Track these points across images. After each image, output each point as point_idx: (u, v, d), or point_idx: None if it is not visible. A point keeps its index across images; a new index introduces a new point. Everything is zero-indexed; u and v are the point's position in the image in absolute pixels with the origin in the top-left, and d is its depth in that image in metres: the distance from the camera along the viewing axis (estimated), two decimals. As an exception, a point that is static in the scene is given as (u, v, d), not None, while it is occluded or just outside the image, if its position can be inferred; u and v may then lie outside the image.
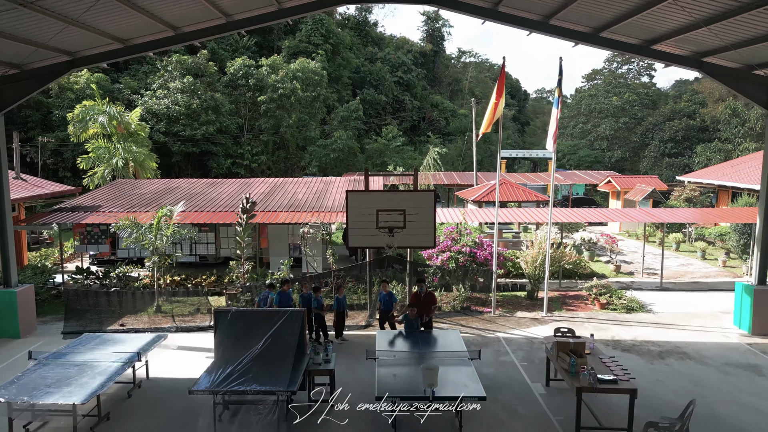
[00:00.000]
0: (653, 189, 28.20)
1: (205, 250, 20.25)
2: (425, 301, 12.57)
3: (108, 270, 18.88)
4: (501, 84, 14.59)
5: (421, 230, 12.61)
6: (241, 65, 42.11)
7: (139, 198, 22.48)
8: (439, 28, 73.68)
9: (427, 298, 12.63)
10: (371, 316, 15.25)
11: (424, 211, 12.55)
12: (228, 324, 10.51)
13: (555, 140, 15.01)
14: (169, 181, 25.98)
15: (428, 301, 12.58)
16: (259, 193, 23.00)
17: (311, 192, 23.32)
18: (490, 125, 14.77)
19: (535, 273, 17.33)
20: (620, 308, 16.28)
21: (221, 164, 40.72)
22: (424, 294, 12.70)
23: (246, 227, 16.73)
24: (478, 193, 25.44)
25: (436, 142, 53.37)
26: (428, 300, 12.59)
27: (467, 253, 16.50)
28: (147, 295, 16.73)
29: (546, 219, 19.50)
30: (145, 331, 14.49)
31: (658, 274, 21.35)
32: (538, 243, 17.40)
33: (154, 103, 37.91)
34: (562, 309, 16.55)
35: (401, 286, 16.62)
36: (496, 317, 15.69)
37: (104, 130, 28.98)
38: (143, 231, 16.37)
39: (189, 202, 21.49)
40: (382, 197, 12.78)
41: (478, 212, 20.26)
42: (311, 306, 13.31)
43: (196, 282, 18.58)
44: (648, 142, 61.51)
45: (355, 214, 12.62)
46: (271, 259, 20.26)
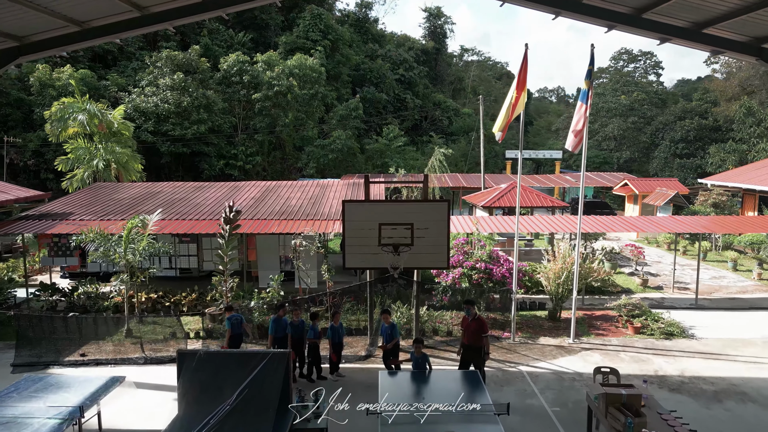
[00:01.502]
0: (676, 193, 26.12)
1: (187, 263, 18.17)
2: (474, 329, 10.58)
3: (75, 286, 16.80)
4: (523, 75, 12.53)
5: (432, 248, 10.53)
6: (234, 61, 40.01)
7: (117, 204, 20.42)
8: (441, 25, 71.58)
9: (476, 325, 10.64)
10: (372, 345, 13.17)
11: (435, 225, 10.48)
12: (194, 369, 8.45)
13: (581, 139, 12.90)
14: (152, 185, 23.90)
15: (477, 329, 10.58)
16: (249, 198, 20.94)
17: (306, 197, 21.25)
18: (508, 124, 12.69)
19: (558, 291, 15.25)
20: (657, 333, 14.20)
21: (213, 165, 38.62)
22: (472, 319, 10.69)
23: (230, 239, 14.66)
24: (488, 198, 23.36)
25: (439, 142, 51.23)
26: (477, 328, 10.60)
27: (482, 270, 14.42)
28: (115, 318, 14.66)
29: (572, 227, 17.44)
30: (107, 363, 12.44)
31: (689, 289, 19.30)
32: (561, 256, 15.31)
33: (142, 101, 35.80)
34: (590, 333, 14.46)
35: (406, 307, 14.53)
36: (517, 345, 13.60)
37: (85, 130, 26.90)
38: (111, 244, 14.30)
39: (170, 208, 19.43)
40: (385, 208, 10.69)
41: (492, 220, 18.16)
42: (304, 336, 11.26)
43: (175, 300, 16.51)
44: (658, 143, 59.42)
45: (353, 228, 10.54)
46: (260, 274, 18.18)
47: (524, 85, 12.54)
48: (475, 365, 10.80)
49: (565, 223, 17.90)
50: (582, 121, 12.62)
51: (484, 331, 10.65)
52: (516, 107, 12.51)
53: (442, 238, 10.56)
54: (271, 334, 11.02)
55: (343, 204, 10.51)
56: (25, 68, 35.77)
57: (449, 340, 13.72)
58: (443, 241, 10.59)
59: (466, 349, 10.99)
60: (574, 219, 18.31)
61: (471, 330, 10.78)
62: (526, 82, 12.65)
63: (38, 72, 34.33)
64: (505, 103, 12.89)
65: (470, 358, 10.95)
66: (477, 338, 10.68)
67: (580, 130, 12.63)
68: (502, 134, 12.75)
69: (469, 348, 10.91)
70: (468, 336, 10.89)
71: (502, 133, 12.72)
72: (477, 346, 10.69)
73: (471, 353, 10.90)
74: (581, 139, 12.76)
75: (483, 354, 10.64)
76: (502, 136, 12.79)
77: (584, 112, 12.67)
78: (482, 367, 10.69)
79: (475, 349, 10.76)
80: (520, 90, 12.41)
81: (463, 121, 60.14)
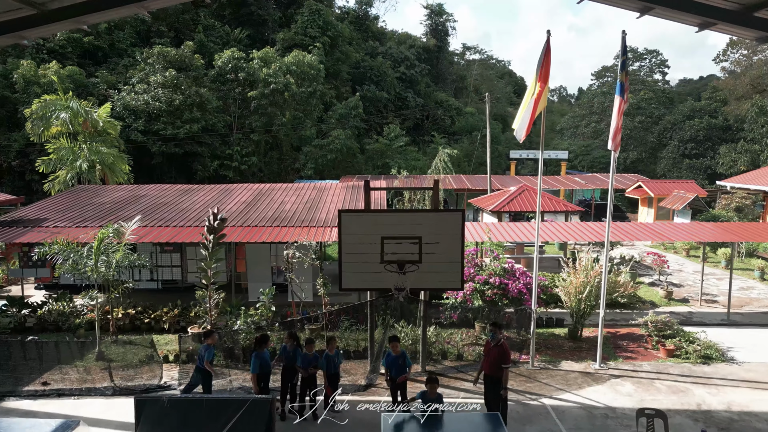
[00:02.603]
0: (696, 196, 24.57)
1: (169, 275, 16.61)
2: (495, 357, 9.15)
3: (46, 300, 15.27)
4: (546, 66, 10.99)
5: (444, 266, 9.01)
6: (229, 58, 38.41)
7: (97, 209, 18.88)
8: (443, 23, 70.00)
9: (498, 353, 9.15)
10: (374, 371, 11.62)
11: (447, 239, 8.95)
12: (156, 421, 6.90)
13: (618, 137, 11.37)
14: (137, 188, 22.37)
15: (498, 357, 9.11)
16: (240, 203, 19.41)
17: (302, 201, 19.71)
18: (533, 121, 11.14)
19: (579, 307, 13.71)
20: (694, 357, 12.65)
21: (207, 166, 37.02)
22: (495, 345, 9.22)
23: (214, 251, 13.11)
24: (496, 202, 21.80)
25: (442, 142, 49.67)
26: (498, 356, 9.12)
27: (496, 285, 12.86)
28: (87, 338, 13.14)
29: (596, 235, 15.87)
30: (70, 395, 10.89)
31: (718, 302, 17.78)
32: (583, 269, 13.76)
33: (132, 99, 34.21)
34: (618, 357, 12.91)
35: (411, 327, 12.99)
36: (537, 371, 12.05)
37: (68, 129, 25.36)
38: (81, 256, 12.75)
39: (153, 214, 17.91)
40: (388, 219, 9.16)
41: (506, 228, 16.58)
42: (296, 365, 9.70)
43: (156, 316, 14.96)
44: (666, 143, 57.89)
45: (351, 242, 9.01)
46: (250, 286, 16.63)
47: (548, 77, 11.01)
48: (490, 400, 9.30)
49: (589, 230, 16.32)
50: (620, 116, 11.09)
51: (505, 361, 9.13)
52: (539, 102, 10.97)
53: (455, 254, 9.04)
54: (253, 372, 9.45)
55: (339, 214, 8.97)
56: (9, 65, 34.23)
57: (460, 365, 12.18)
58: (456, 257, 9.07)
59: (485, 379, 9.51)
60: (598, 226, 16.74)
61: (492, 357, 9.29)
62: (549, 74, 11.12)
63: (23, 68, 32.78)
64: (526, 98, 11.35)
65: (487, 390, 9.47)
66: (496, 368, 9.18)
67: (618, 127, 11.09)
68: (525, 132, 11.19)
69: (488, 379, 9.42)
70: (488, 364, 9.43)
71: (525, 131, 11.17)
72: (496, 377, 9.20)
73: (488, 384, 9.42)
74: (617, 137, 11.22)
75: (501, 388, 9.14)
76: (525, 135, 11.23)
77: (621, 108, 11.14)
78: (500, 403, 9.18)
79: (493, 380, 9.27)
80: (543, 82, 10.87)
81: (465, 121, 58.60)
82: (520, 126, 11.23)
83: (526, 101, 11.31)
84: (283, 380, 10.00)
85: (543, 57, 11.03)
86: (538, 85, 10.92)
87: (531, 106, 11.02)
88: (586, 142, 62.46)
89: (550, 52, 11.21)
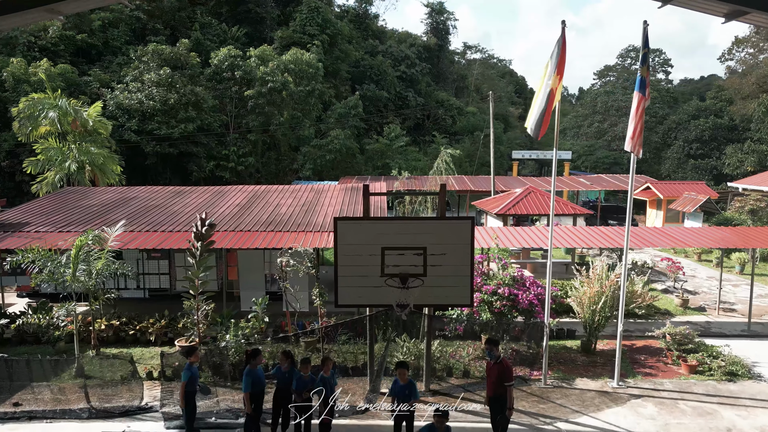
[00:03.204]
0: (708, 198, 23.66)
1: (157, 283, 15.70)
2: (496, 375, 8.33)
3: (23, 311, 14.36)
4: (563, 58, 10.10)
5: (451, 279, 8.11)
6: (226, 56, 37.47)
7: (83, 212, 18.01)
8: (444, 21, 69.10)
9: (499, 371, 8.32)
10: (374, 391, 10.71)
11: (455, 250, 8.05)
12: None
13: (638, 138, 10.48)
14: (127, 190, 21.47)
15: (500, 375, 8.29)
16: (233, 206, 18.52)
17: (298, 204, 18.83)
18: (549, 117, 10.24)
19: (593, 319, 12.80)
20: (718, 373, 11.75)
21: (203, 167, 36.08)
22: (495, 363, 8.41)
23: (202, 259, 12.21)
24: (501, 204, 20.88)
25: (443, 142, 48.75)
26: (500, 374, 8.29)
27: (505, 296, 11.95)
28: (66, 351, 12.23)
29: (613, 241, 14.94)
30: (42, 417, 9.99)
31: (736, 310, 16.90)
32: (597, 278, 12.85)
33: (126, 98, 33.28)
34: (636, 373, 12.01)
35: (414, 342, 12.07)
36: (549, 390, 11.14)
37: (56, 128, 24.47)
38: (59, 265, 11.85)
39: (142, 218, 17.02)
40: (389, 228, 8.25)
41: (515, 234, 15.65)
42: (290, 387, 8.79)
43: (141, 327, 14.05)
44: (670, 143, 56.96)
45: (348, 254, 8.11)
46: (242, 295, 15.72)
47: (563, 69, 10.12)
48: (496, 424, 8.42)
49: (607, 236, 15.38)
50: (640, 116, 10.19)
51: (508, 379, 8.29)
52: (555, 97, 10.08)
53: (464, 267, 8.14)
54: (245, 391, 8.54)
55: (334, 222, 8.07)
56: (-1, 62, 33.35)
57: (466, 384, 11.27)
58: (465, 270, 8.16)
59: (490, 401, 8.65)
60: (614, 232, 15.80)
61: (493, 377, 8.46)
62: (564, 68, 10.23)
63: (12, 66, 31.88)
64: (539, 93, 10.44)
65: (493, 411, 8.61)
66: (499, 387, 8.34)
67: (639, 127, 10.20)
68: (542, 130, 10.29)
69: (492, 400, 8.56)
70: (489, 384, 8.60)
71: (541, 129, 10.27)
72: (501, 397, 8.35)
73: (493, 405, 8.56)
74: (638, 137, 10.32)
75: (505, 408, 8.30)
76: (542, 133, 10.33)
77: (641, 106, 10.24)
78: (506, 427, 8.34)
79: (498, 400, 8.41)
80: (560, 75, 9.98)
81: (467, 121, 57.68)
82: (535, 123, 10.32)
83: (538, 96, 10.42)
84: (275, 404, 9.09)
85: (559, 49, 10.14)
86: (554, 78, 10.03)
87: (545, 101, 10.12)
88: (589, 142, 61.57)
89: (565, 43, 10.32)
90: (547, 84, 10.19)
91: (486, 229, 16.41)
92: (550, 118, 11.23)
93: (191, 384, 8.90)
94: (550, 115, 10.33)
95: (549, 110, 10.18)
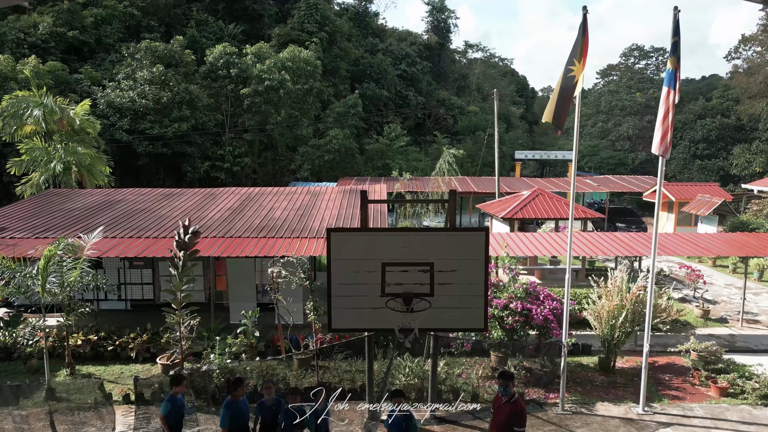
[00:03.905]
0: (723, 201, 22.59)
1: (140, 293, 14.61)
2: (506, 416, 6.94)
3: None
4: (586, 42, 9.05)
5: (463, 300, 7.03)
6: (221, 53, 36.37)
7: (65, 216, 16.94)
8: (445, 19, 68.06)
9: (510, 411, 6.94)
10: (373, 419, 9.63)
11: (467, 266, 6.98)
12: None
13: (667, 139, 9.42)
14: (114, 192, 20.41)
15: (511, 418, 6.90)
16: (224, 209, 17.45)
17: (293, 208, 17.75)
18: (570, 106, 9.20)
19: (613, 335, 11.72)
20: (752, 396, 10.67)
21: (197, 167, 34.96)
22: (507, 401, 7.02)
23: (185, 270, 11.12)
24: (508, 208, 19.80)
25: (444, 142, 47.68)
26: (511, 416, 6.91)
27: (518, 311, 10.87)
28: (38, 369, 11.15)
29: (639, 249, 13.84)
30: (1, 452, 8.89)
31: (760, 321, 15.85)
32: (617, 290, 11.77)
33: (117, 96, 32.17)
34: (662, 396, 10.93)
35: (417, 362, 10.98)
36: (568, 417, 10.06)
37: (41, 128, 23.37)
38: (28, 276, 10.78)
39: (126, 222, 15.96)
40: (391, 240, 7.16)
41: (525, 240, 14.54)
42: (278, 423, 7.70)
43: (122, 342, 12.97)
44: (676, 143, 55.86)
45: (344, 270, 7.03)
46: (231, 306, 14.64)
47: (586, 55, 9.07)
48: None
49: (629, 244, 14.27)
50: (670, 113, 9.13)
51: (520, 423, 6.83)
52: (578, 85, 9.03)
53: (477, 285, 7.05)
54: (222, 426, 7.47)
55: (327, 234, 6.99)
56: (-14, 59, 32.22)
57: (476, 411, 10.17)
58: (479, 289, 7.08)
59: None
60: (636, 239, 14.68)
61: (502, 417, 7.02)
62: (587, 54, 9.16)
63: (-1, 63, 30.81)
64: (560, 81, 9.38)
65: None
66: (508, 431, 7.02)
67: (667, 126, 9.13)
68: (562, 119, 9.26)
69: None
70: (496, 424, 7.15)
71: (561, 119, 9.23)
72: None
73: None
74: (670, 137, 9.26)
75: None
76: (562, 122, 9.31)
77: (671, 101, 9.17)
78: None
79: None
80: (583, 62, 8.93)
81: (469, 120, 56.61)
82: (556, 113, 9.25)
83: (559, 84, 9.37)
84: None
85: (582, 36, 9.07)
86: (577, 65, 8.97)
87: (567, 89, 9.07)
88: (594, 142, 60.47)
89: (587, 30, 9.25)
90: (568, 70, 9.13)
91: (494, 235, 15.30)
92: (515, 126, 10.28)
93: (173, 416, 7.81)
94: (570, 104, 9.27)
95: (570, 98, 9.14)
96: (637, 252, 13.50)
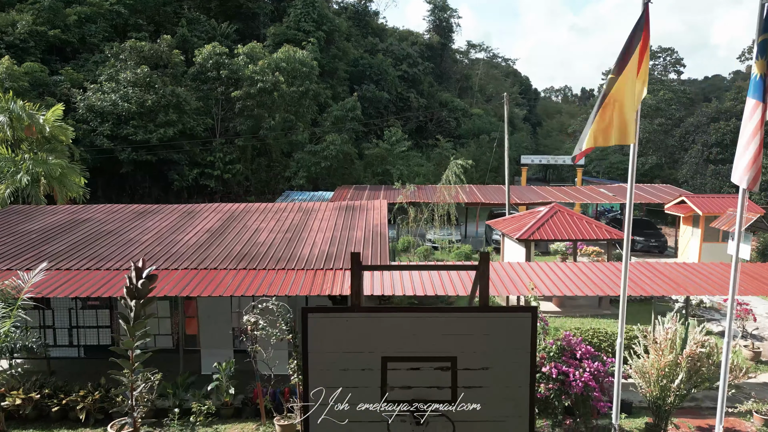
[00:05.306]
0: (759, 216, 20.47)
1: (95, 338, 12.44)
2: None
3: None
4: (646, 37, 6.92)
5: (499, 411, 4.87)
6: (210, 53, 34.22)
7: (19, 240, 14.79)
8: (447, 19, 66.03)
9: None
10: None
11: (505, 360, 4.83)
12: None
13: (755, 165, 7.27)
14: (82, 209, 18.24)
15: None
16: (203, 231, 15.32)
17: (281, 229, 15.61)
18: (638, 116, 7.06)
19: (664, 399, 9.57)
20: None
21: (185, 175, 32.83)
22: None
23: (137, 323, 8.97)
24: (525, 227, 17.63)
25: (447, 146, 45.56)
26: None
27: (553, 377, 8.73)
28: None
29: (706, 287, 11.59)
30: None
31: (820, 365, 13.61)
32: (669, 342, 9.61)
33: (98, 99, 30.02)
34: (732, 482, 8.78)
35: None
36: None
37: (7, 135, 21.29)
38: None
39: (87, 249, 13.82)
40: (395, 323, 4.97)
41: (560, 273, 12.27)
42: None
43: (69, 401, 10.81)
44: (688, 147, 53.71)
45: (327, 367, 4.87)
46: (203, 354, 12.47)
47: (645, 50, 6.96)
48: None
49: (697, 278, 11.99)
50: (758, 133, 6.98)
51: None
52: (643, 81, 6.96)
53: (520, 388, 4.89)
54: None
55: (303, 316, 4.83)
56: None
57: None
58: (522, 393, 4.92)
59: None
60: (695, 272, 12.42)
61: None
62: (647, 50, 7.04)
63: (-30, 65, 28.67)
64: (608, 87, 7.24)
65: None
66: None
67: (756, 150, 6.98)
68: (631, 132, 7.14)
69: None
70: None
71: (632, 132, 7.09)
72: None
73: None
74: (759, 164, 7.10)
75: None
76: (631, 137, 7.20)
77: (758, 117, 7.02)
78: None
79: None
80: (643, 54, 6.83)
81: (472, 123, 54.54)
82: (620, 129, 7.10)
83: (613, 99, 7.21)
84: None
85: (643, 29, 6.94)
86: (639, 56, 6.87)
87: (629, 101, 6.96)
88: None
89: (648, 22, 7.12)
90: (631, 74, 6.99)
91: (511, 266, 13.05)
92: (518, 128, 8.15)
93: None
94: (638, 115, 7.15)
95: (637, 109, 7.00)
96: (707, 292, 11.27)
